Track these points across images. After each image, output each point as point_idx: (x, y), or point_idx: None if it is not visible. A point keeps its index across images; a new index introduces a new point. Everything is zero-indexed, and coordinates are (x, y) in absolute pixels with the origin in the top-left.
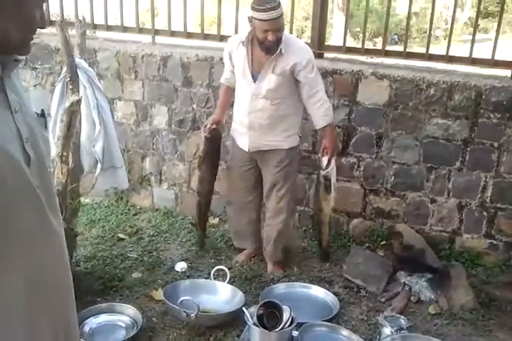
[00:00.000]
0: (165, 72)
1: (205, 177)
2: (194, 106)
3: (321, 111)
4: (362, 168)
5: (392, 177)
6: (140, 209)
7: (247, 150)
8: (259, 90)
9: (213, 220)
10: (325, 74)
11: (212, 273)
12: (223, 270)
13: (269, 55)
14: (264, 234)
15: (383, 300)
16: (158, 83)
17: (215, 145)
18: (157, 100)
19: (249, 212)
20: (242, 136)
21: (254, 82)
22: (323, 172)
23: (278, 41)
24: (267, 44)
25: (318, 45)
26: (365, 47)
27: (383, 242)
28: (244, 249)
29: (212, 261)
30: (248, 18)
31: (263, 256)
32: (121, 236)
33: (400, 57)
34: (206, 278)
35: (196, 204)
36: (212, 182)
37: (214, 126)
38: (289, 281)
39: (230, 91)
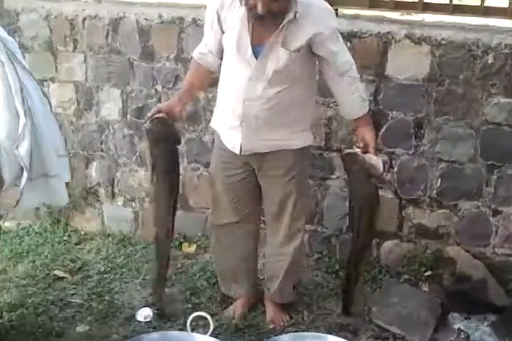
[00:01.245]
0: (116, 40)
1: (160, 194)
2: (158, 87)
3: (356, 96)
4: (396, 169)
5: (439, 181)
6: (85, 235)
7: (238, 153)
8: (262, 71)
9: (189, 248)
10: None
11: (188, 322)
12: (204, 318)
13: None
14: (267, 268)
15: None
16: (106, 57)
17: (165, 143)
18: (106, 81)
19: (244, 240)
20: (231, 131)
21: (256, 58)
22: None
23: (276, 13)
24: (255, 13)
25: None
26: None
27: (428, 273)
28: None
29: (189, 306)
30: None
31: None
32: (59, 274)
33: (445, 12)
34: (181, 330)
35: (154, 238)
36: (170, 201)
37: (161, 114)
38: (297, 331)
39: (204, 72)
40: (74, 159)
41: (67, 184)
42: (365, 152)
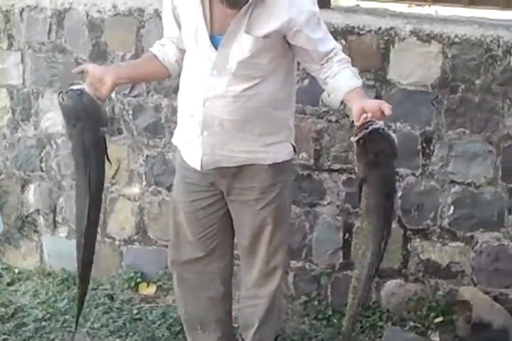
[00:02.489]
0: (61, 36)
1: (80, 185)
2: (112, 93)
3: (347, 70)
4: (400, 193)
5: (452, 208)
6: (20, 273)
7: (199, 169)
8: (224, 63)
9: (147, 289)
10: (333, 35)
11: None
12: None
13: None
14: (240, 315)
15: None
16: (49, 56)
17: (87, 123)
18: (47, 85)
19: (213, 280)
20: (190, 142)
21: (216, 48)
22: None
23: None
24: None
25: None
26: None
27: (439, 319)
28: None
29: None
30: None
31: None
32: None
33: (460, 4)
34: None
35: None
36: (93, 200)
37: (80, 86)
38: None
39: (156, 64)
40: (7, 181)
41: None
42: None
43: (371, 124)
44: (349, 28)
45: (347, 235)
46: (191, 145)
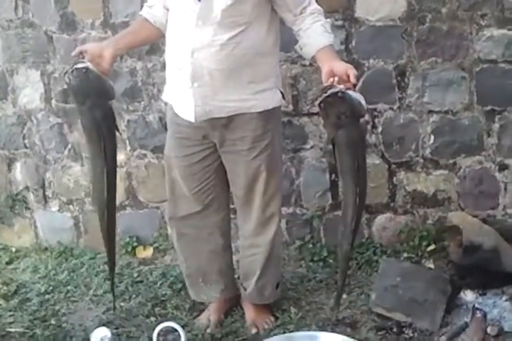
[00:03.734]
0: (27, 11)
1: (95, 159)
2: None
3: (319, 25)
4: (380, 129)
5: (432, 138)
6: (17, 251)
7: (193, 120)
8: (208, 12)
9: (144, 252)
10: None
11: (155, 335)
12: (174, 330)
13: None
14: (241, 264)
15: (444, 339)
16: (18, 32)
17: (96, 98)
18: (21, 61)
19: (211, 233)
20: (182, 96)
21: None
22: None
23: None
24: None
25: None
26: None
27: (431, 247)
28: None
29: (153, 319)
30: None
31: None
32: None
33: None
34: None
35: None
36: (111, 172)
37: (84, 64)
38: (285, 332)
39: (148, 27)
40: None
41: None
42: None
43: (330, 88)
44: None
45: (333, 176)
46: (183, 99)
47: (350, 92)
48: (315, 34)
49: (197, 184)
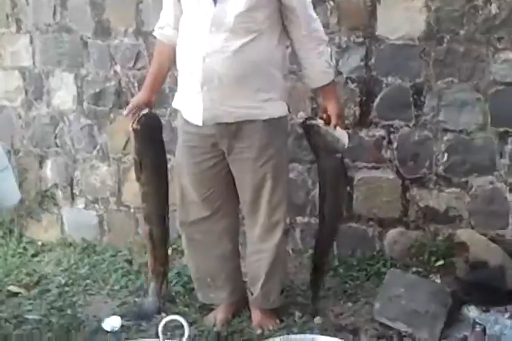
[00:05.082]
0: (65, 16)
1: (150, 191)
2: (117, 67)
3: (323, 61)
4: (395, 145)
5: (445, 156)
6: (43, 245)
7: (200, 124)
8: (222, 18)
9: None
10: None
11: (160, 328)
12: (179, 324)
13: None
14: (248, 269)
15: None
16: (55, 36)
17: (152, 138)
18: (56, 64)
19: (220, 238)
20: (191, 100)
21: (215, 3)
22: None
23: None
24: None
25: None
26: None
27: (440, 262)
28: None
29: (164, 315)
30: None
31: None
32: (13, 289)
33: None
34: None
35: (147, 237)
36: (163, 197)
37: (145, 111)
38: (288, 334)
39: (169, 51)
40: (25, 159)
41: (19, 186)
42: (329, 123)
43: (310, 119)
44: None
45: (348, 188)
46: (192, 103)
47: (328, 128)
48: (319, 70)
49: (206, 190)
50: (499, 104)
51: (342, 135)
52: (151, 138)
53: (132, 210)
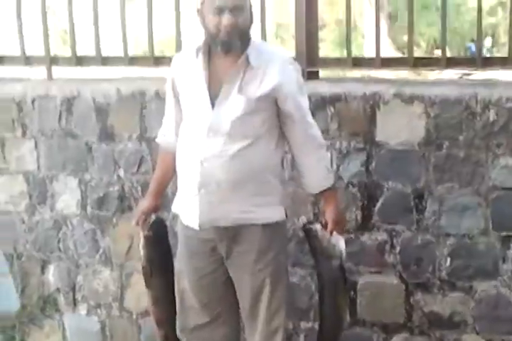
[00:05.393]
0: (70, 122)
1: (160, 296)
2: (121, 172)
3: (322, 166)
4: (398, 249)
5: (448, 260)
6: None
7: (197, 227)
8: (218, 121)
9: None
10: (322, 103)
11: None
12: None
13: (233, 63)
14: None
15: None
16: (60, 141)
17: (162, 244)
18: (61, 169)
19: None
20: (189, 203)
21: (213, 107)
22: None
23: (239, 33)
24: (222, 36)
25: (307, 58)
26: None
27: None
28: None
29: None
30: (197, 11)
31: None
32: None
33: (437, 66)
34: None
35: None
36: (173, 300)
37: (154, 217)
38: None
39: (171, 158)
40: (28, 263)
41: (21, 291)
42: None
43: (310, 223)
44: (336, 96)
45: (351, 293)
46: (189, 206)
47: (325, 233)
48: (317, 176)
49: (206, 296)
50: (500, 209)
51: (338, 240)
52: (162, 244)
53: (135, 316)
